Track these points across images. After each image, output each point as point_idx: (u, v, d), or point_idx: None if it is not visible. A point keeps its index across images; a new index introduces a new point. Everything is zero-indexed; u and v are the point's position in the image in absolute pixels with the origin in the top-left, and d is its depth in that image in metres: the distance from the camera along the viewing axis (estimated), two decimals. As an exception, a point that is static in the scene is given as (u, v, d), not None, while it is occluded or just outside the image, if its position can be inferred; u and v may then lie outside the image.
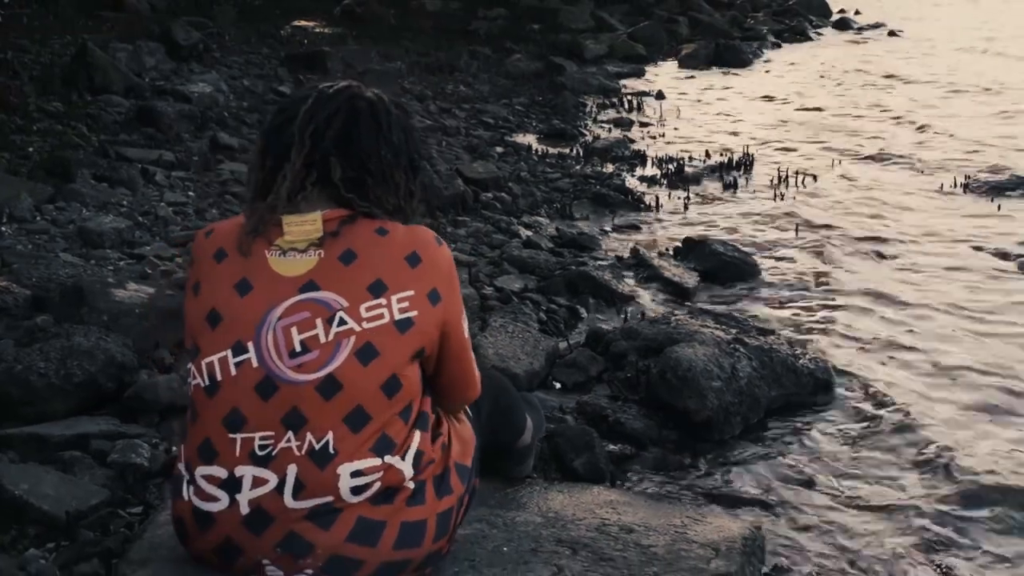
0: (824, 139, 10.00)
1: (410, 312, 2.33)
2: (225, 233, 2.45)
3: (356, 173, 2.41)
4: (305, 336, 2.28)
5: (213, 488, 2.32)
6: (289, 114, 2.44)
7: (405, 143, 2.50)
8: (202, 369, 2.35)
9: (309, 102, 2.44)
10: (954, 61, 14.56)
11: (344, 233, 2.36)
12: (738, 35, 17.30)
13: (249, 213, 2.43)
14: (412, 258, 2.36)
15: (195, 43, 11.76)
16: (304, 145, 2.39)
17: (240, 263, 2.37)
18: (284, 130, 2.43)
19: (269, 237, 2.37)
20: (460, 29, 15.57)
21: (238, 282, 2.35)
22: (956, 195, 8.03)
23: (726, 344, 4.55)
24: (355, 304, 2.30)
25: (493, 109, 10.87)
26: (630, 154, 9.28)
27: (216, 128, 8.56)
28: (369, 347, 2.29)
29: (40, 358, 3.60)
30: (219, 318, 2.34)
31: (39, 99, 8.73)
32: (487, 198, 7.41)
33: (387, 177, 2.45)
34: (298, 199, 2.38)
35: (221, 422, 2.31)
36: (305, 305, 2.31)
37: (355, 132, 2.42)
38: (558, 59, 13.75)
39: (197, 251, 2.48)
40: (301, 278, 2.32)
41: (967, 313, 5.62)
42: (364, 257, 2.34)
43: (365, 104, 2.47)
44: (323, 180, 2.40)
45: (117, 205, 6.38)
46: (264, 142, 2.51)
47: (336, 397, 2.27)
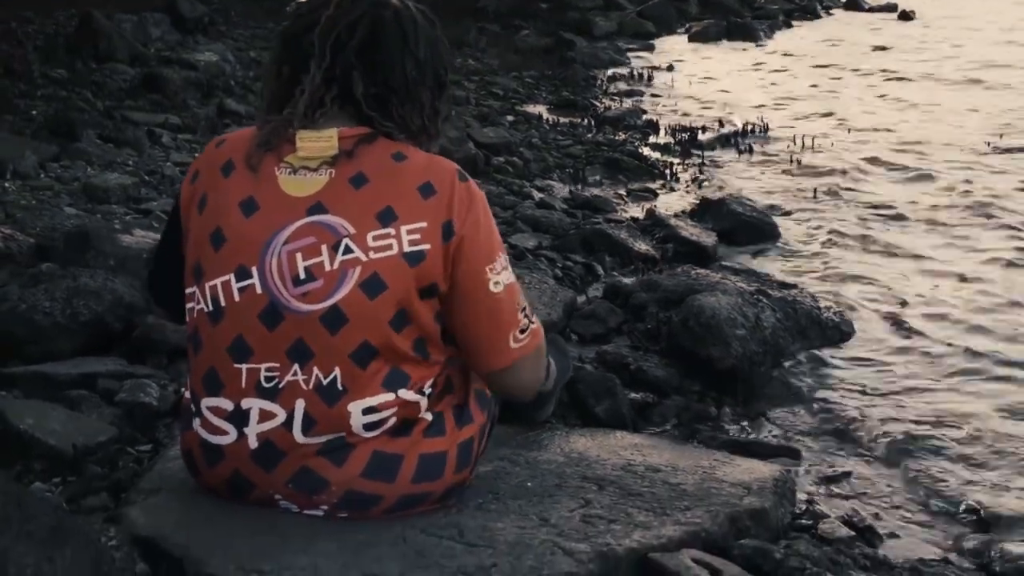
0: (838, 110, 9.89)
1: (421, 245, 2.16)
2: (236, 144, 2.30)
3: (379, 89, 2.25)
4: (310, 263, 2.15)
5: (220, 420, 2.21)
6: (308, 20, 2.27)
7: (431, 57, 2.32)
8: (205, 292, 2.21)
9: (331, 8, 2.27)
10: (966, 41, 14.42)
11: (359, 154, 2.20)
12: (748, 14, 17.14)
13: (261, 125, 2.29)
14: (425, 188, 2.19)
15: (200, 16, 11.66)
16: (324, 57, 2.22)
17: (248, 179, 2.22)
18: (303, 37, 2.27)
19: (280, 152, 2.22)
20: (468, 7, 15.43)
21: (244, 200, 2.20)
22: (984, 154, 7.91)
23: (749, 295, 4.44)
24: (362, 231, 2.15)
25: (503, 82, 10.75)
26: (642, 123, 9.16)
27: (223, 95, 8.46)
28: (376, 278, 2.14)
29: (45, 298, 3.50)
30: (223, 239, 2.20)
31: (43, 66, 8.62)
32: (499, 162, 7.30)
33: (412, 94, 2.28)
34: (316, 115, 2.23)
35: (226, 351, 2.19)
36: (311, 229, 2.16)
37: (379, 44, 2.25)
38: (567, 35, 13.61)
39: (205, 161, 2.33)
40: (309, 199, 2.17)
41: (991, 271, 5.51)
42: (376, 182, 2.18)
43: (391, 13, 2.29)
44: (344, 95, 2.24)
45: (123, 164, 6.28)
46: (280, 49, 2.36)
47: (342, 331, 2.14)
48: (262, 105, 2.37)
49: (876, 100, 10.39)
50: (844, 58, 13.22)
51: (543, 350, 2.50)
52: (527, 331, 2.37)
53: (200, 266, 2.23)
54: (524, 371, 2.42)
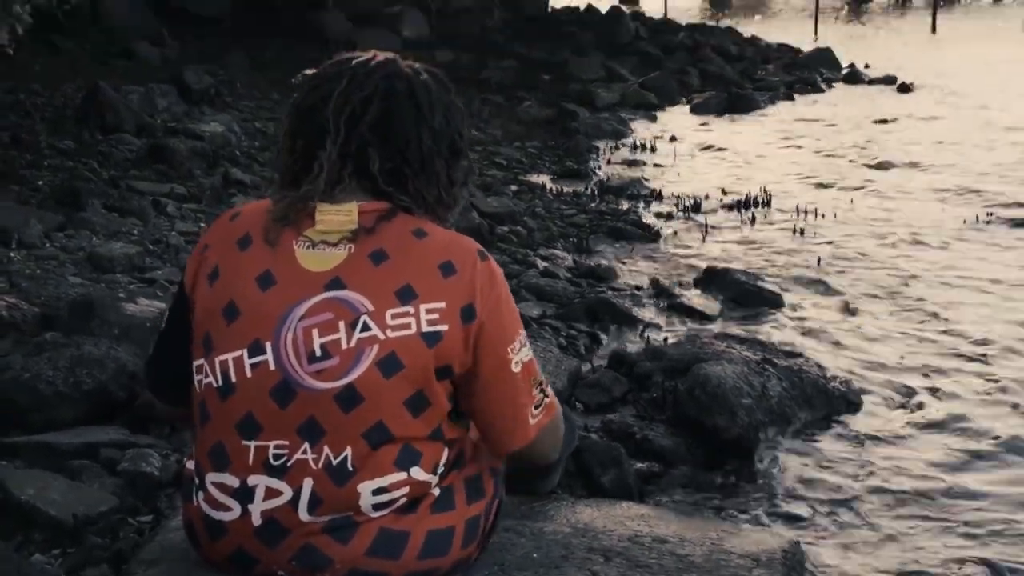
0: (840, 180, 9.93)
1: (440, 325, 2.12)
2: (252, 218, 2.26)
3: (394, 164, 2.22)
4: (326, 340, 2.11)
5: (224, 496, 2.16)
6: (322, 93, 2.24)
7: (447, 126, 2.29)
8: (215, 367, 2.17)
9: (344, 82, 2.23)
10: (965, 113, 14.53)
11: (379, 230, 2.16)
12: (749, 86, 17.30)
13: (278, 199, 2.27)
14: (446, 267, 2.15)
15: (207, 87, 11.77)
16: (339, 133, 2.20)
17: (266, 253, 2.18)
18: (316, 112, 2.24)
19: (299, 227, 2.18)
20: (472, 78, 15.59)
21: (261, 274, 2.16)
22: (980, 228, 7.94)
23: (755, 364, 4.42)
24: (381, 309, 2.11)
25: (506, 152, 10.82)
26: (645, 192, 9.20)
27: (228, 165, 8.51)
28: (393, 358, 2.10)
29: (48, 366, 3.48)
30: (237, 312, 2.16)
31: (51, 137, 8.69)
32: (503, 231, 7.32)
33: (427, 167, 2.24)
34: (334, 190, 2.21)
35: (234, 427, 2.14)
36: (329, 305, 2.12)
37: (393, 118, 2.22)
38: (570, 106, 13.73)
39: (218, 234, 2.28)
40: (327, 274, 2.14)
41: (1000, 338, 5.49)
42: (396, 259, 2.15)
43: (403, 85, 2.27)
44: (360, 171, 2.22)
45: (128, 234, 6.30)
46: (294, 122, 2.33)
47: (356, 410, 2.09)
48: (274, 177, 2.35)
49: (878, 171, 10.43)
50: (845, 130, 13.32)
51: (560, 419, 2.47)
52: (542, 406, 2.34)
53: (210, 339, 2.19)
54: (543, 444, 2.40)
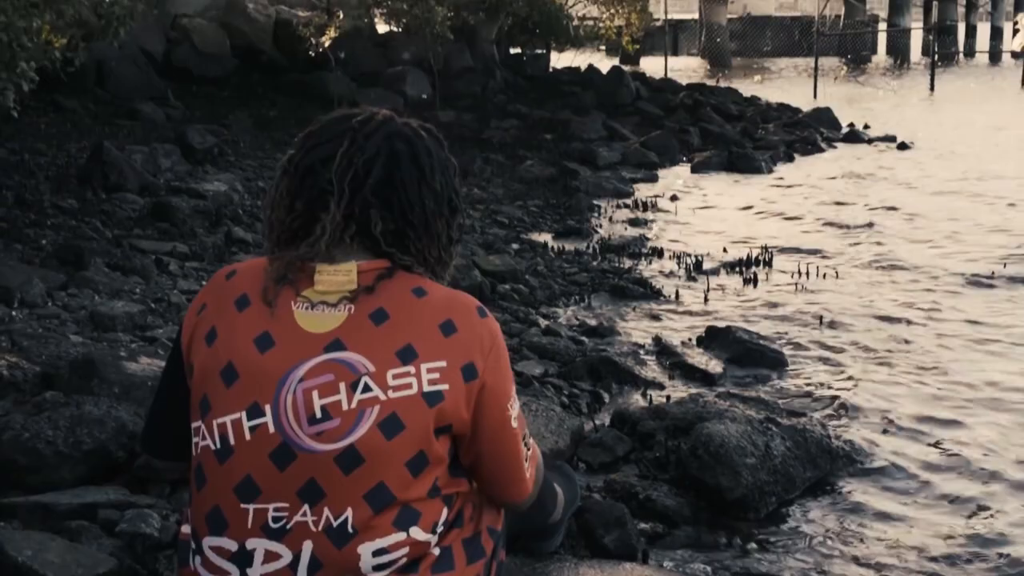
0: (842, 238, 9.95)
1: (440, 385, 2.10)
2: (249, 277, 2.25)
3: (397, 225, 2.23)
4: (326, 401, 2.09)
5: (222, 561, 2.13)
6: (322, 154, 2.23)
7: (446, 185, 2.29)
8: (213, 430, 2.15)
9: (345, 143, 2.23)
10: (964, 171, 14.59)
11: (379, 289, 2.16)
12: (750, 145, 17.37)
13: (275, 259, 2.25)
14: (447, 326, 2.15)
15: (210, 147, 11.83)
16: (343, 195, 2.19)
17: (263, 313, 2.17)
18: (318, 173, 2.23)
19: (297, 287, 2.17)
20: (473, 137, 15.67)
21: (259, 335, 2.15)
22: (982, 285, 7.95)
23: (758, 423, 4.39)
24: (382, 369, 2.09)
25: (508, 210, 10.85)
26: (647, 251, 9.21)
27: (231, 224, 8.53)
28: (394, 418, 2.09)
29: (48, 426, 3.46)
30: (235, 375, 2.14)
31: (54, 197, 8.72)
32: (504, 289, 7.32)
33: (430, 228, 2.24)
34: (335, 251, 2.20)
35: (233, 490, 2.11)
36: (329, 366, 2.11)
37: (396, 180, 2.21)
38: (571, 165, 13.78)
39: (215, 294, 2.26)
40: (327, 335, 2.13)
41: (1004, 393, 5.47)
42: (396, 318, 2.14)
43: (405, 147, 2.27)
44: (362, 232, 2.22)
45: (130, 292, 6.30)
46: (293, 182, 2.32)
47: (356, 471, 2.07)
48: (271, 235, 2.32)
49: (879, 230, 10.45)
50: (846, 189, 13.36)
51: (541, 463, 2.50)
52: (530, 457, 2.35)
53: (208, 401, 2.17)
54: (534, 492, 2.43)
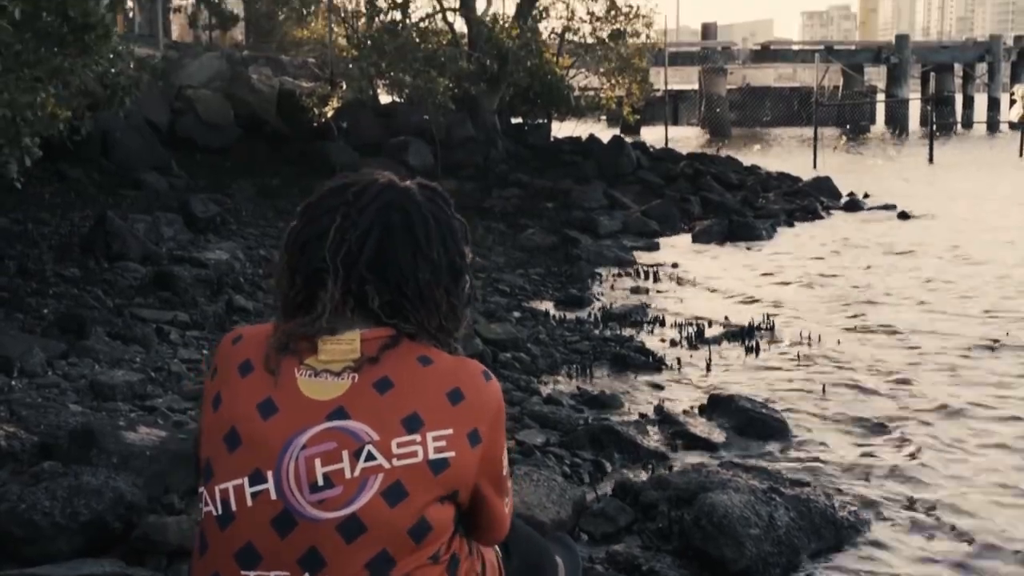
0: (844, 308, 9.96)
1: (446, 452, 2.09)
2: (254, 343, 2.24)
3: (393, 298, 2.22)
4: (329, 469, 2.08)
5: None
6: (317, 229, 2.23)
7: (445, 252, 2.27)
8: (215, 496, 2.13)
9: (338, 219, 2.24)
10: (964, 240, 14.64)
11: (383, 358, 2.16)
12: (750, 214, 17.45)
13: (279, 327, 2.25)
14: (454, 394, 2.14)
15: (212, 216, 11.89)
16: (338, 273, 2.20)
17: (266, 380, 2.16)
18: (313, 249, 2.23)
19: (300, 355, 2.17)
20: (475, 206, 15.75)
21: (262, 401, 2.14)
22: (985, 356, 7.92)
23: (762, 492, 4.35)
24: (386, 438, 2.08)
25: (509, 278, 10.87)
26: (649, 319, 9.20)
27: (232, 292, 8.54)
28: (398, 486, 2.07)
29: (46, 496, 3.43)
30: (238, 440, 2.14)
31: (57, 266, 8.74)
32: (506, 358, 7.31)
33: (426, 299, 2.22)
34: (337, 324, 2.20)
35: (233, 557, 2.09)
36: (332, 434, 2.09)
37: (390, 253, 2.21)
38: (573, 233, 13.84)
39: (222, 359, 2.27)
40: (331, 403, 2.11)
41: (1005, 468, 5.43)
42: (401, 387, 2.13)
43: (399, 216, 2.25)
44: (360, 304, 2.22)
45: (130, 361, 6.29)
46: (291, 257, 2.32)
47: (359, 540, 2.05)
48: (275, 304, 2.33)
49: (880, 298, 10.45)
50: (847, 258, 13.39)
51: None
52: (510, 494, 2.36)
53: (211, 467, 2.16)
54: None
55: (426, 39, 20.64)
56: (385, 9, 20.78)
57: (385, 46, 19.48)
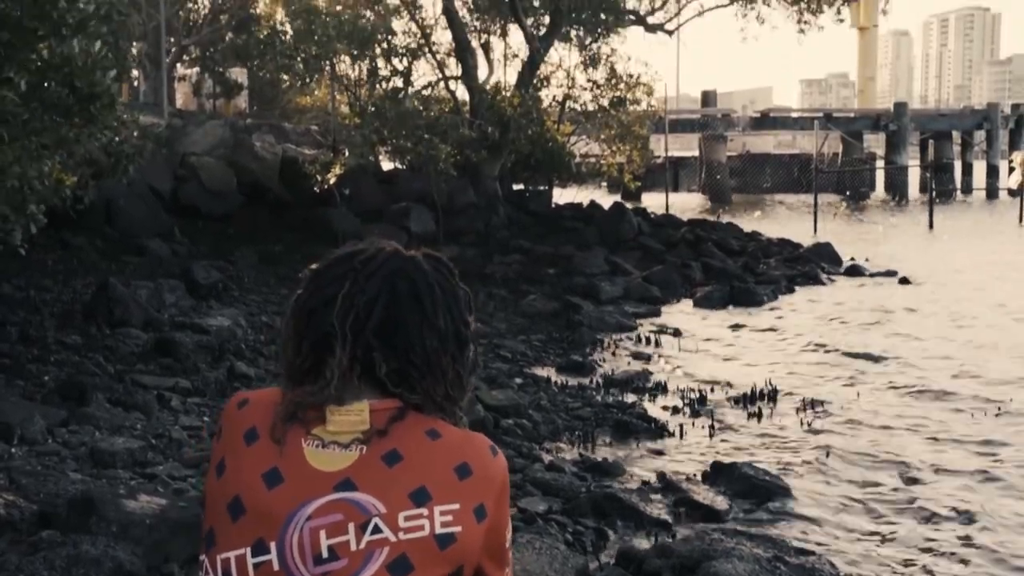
0: (846, 373, 9.93)
1: (453, 527, 2.09)
2: (260, 410, 2.24)
3: (400, 365, 2.23)
4: (334, 541, 2.07)
5: None
6: (324, 296, 2.25)
7: (451, 321, 2.29)
8: (216, 565, 2.11)
9: (347, 285, 2.26)
10: (965, 307, 14.66)
11: (392, 432, 2.16)
12: (751, 279, 17.46)
13: (285, 396, 2.25)
14: (462, 469, 2.14)
15: (215, 282, 11.90)
16: (346, 339, 2.21)
17: (272, 450, 2.15)
18: (320, 315, 2.25)
19: (308, 425, 2.17)
20: (477, 272, 15.78)
21: (267, 471, 2.13)
22: (988, 421, 7.90)
23: (766, 561, 4.32)
24: (393, 511, 2.08)
25: (511, 344, 10.86)
26: (651, 385, 9.18)
27: (233, 359, 8.53)
28: (403, 560, 2.06)
29: (44, 567, 3.41)
30: (242, 509, 2.12)
31: (58, 332, 8.74)
32: (508, 424, 7.28)
33: (433, 367, 2.24)
34: (344, 393, 2.20)
35: None
36: (338, 506, 2.09)
37: (398, 320, 2.23)
38: (574, 299, 13.84)
39: (227, 423, 2.26)
40: (338, 474, 2.11)
41: (1011, 539, 5.38)
42: (410, 460, 2.13)
43: (406, 284, 2.27)
44: (368, 373, 2.23)
45: (131, 428, 6.27)
46: (298, 323, 2.33)
47: None
48: (281, 371, 2.33)
49: (881, 364, 10.44)
50: (848, 323, 13.39)
51: None
52: (510, 564, 2.32)
53: (213, 535, 2.14)
54: None
55: (428, 107, 20.82)
56: (387, 77, 21.01)
57: (387, 113, 19.66)
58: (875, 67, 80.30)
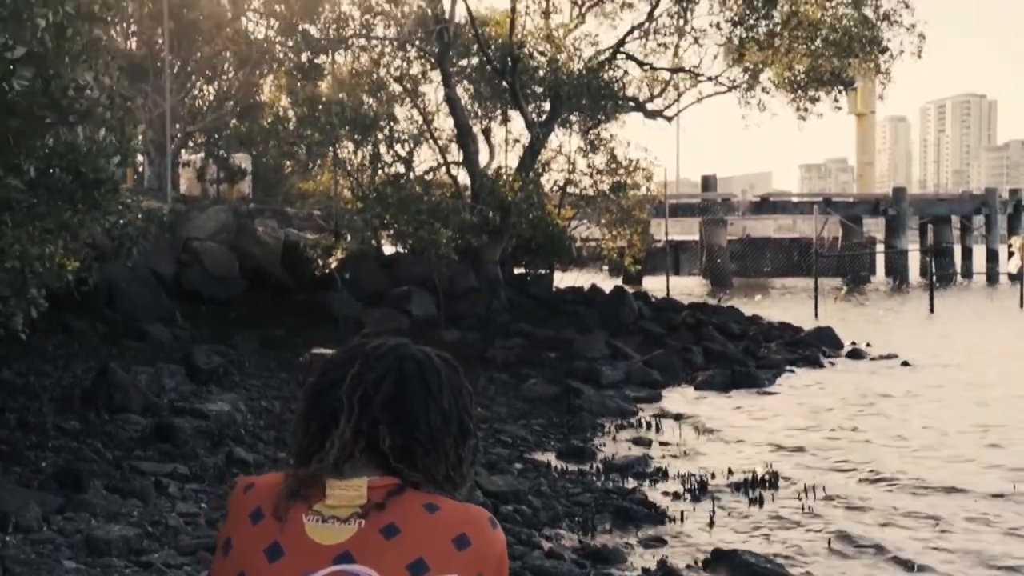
0: (848, 457, 9.90)
1: None
2: (264, 492, 2.28)
3: (404, 440, 2.27)
4: None
5: None
6: (334, 377, 2.31)
7: (455, 406, 2.34)
8: None
9: (356, 365, 2.31)
10: (967, 390, 14.64)
11: (390, 506, 2.19)
12: (752, 363, 17.45)
13: (289, 476, 2.29)
14: (460, 540, 2.16)
15: (215, 367, 11.90)
16: (352, 411, 2.25)
17: (274, 526, 2.19)
18: (329, 394, 2.30)
19: (309, 501, 2.20)
20: (477, 356, 15.78)
21: (269, 546, 2.17)
22: (994, 507, 7.85)
23: (767, 651, 4.26)
24: None
25: (511, 429, 10.83)
26: (651, 471, 9.14)
27: (232, 444, 8.51)
28: None
29: (34, 657, 3.36)
30: None
31: (57, 418, 8.72)
32: (507, 511, 7.23)
33: (436, 445, 2.28)
34: (344, 466, 2.24)
35: None
36: None
37: (404, 397, 2.28)
38: (575, 383, 13.82)
39: (233, 506, 2.31)
40: (337, 547, 2.14)
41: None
42: (408, 533, 2.15)
43: (414, 366, 2.33)
44: (371, 447, 2.26)
45: (127, 515, 6.23)
46: (308, 405, 2.38)
47: None
48: (291, 460, 2.37)
49: (883, 447, 10.39)
50: (850, 407, 13.35)
51: None
52: None
53: None
54: None
55: (429, 191, 21.01)
56: (389, 162, 21.21)
57: (389, 198, 19.81)
58: (873, 152, 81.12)
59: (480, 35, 21.57)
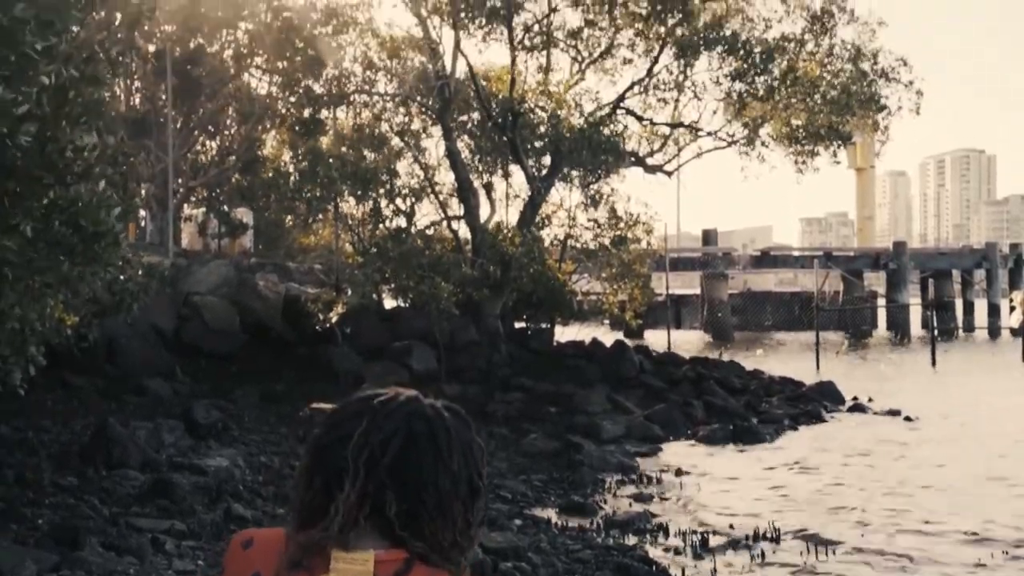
0: (850, 513, 9.83)
1: None
2: (264, 554, 2.21)
3: (411, 505, 2.22)
4: None
5: None
6: (340, 433, 2.25)
7: (465, 466, 2.28)
8: None
9: (364, 422, 2.26)
10: (969, 445, 14.57)
11: None
12: (754, 418, 17.38)
13: (291, 540, 2.23)
14: None
15: (214, 422, 11.87)
16: (358, 475, 2.20)
17: None
18: (335, 451, 2.24)
19: (312, 573, 2.16)
20: (478, 411, 15.71)
21: None
22: (1000, 566, 7.78)
23: None
24: None
25: (511, 484, 10.76)
26: (652, 527, 9.07)
27: (231, 500, 8.45)
28: None
29: None
30: None
31: (55, 474, 8.68)
32: (507, 568, 7.18)
33: (444, 510, 2.22)
34: (349, 533, 2.19)
35: None
36: None
37: (412, 460, 2.22)
38: (575, 438, 13.75)
39: (231, 564, 2.24)
40: None
41: None
42: None
43: (423, 426, 2.27)
44: (377, 512, 2.21)
45: (123, 573, 6.18)
46: (311, 460, 2.32)
47: None
48: (292, 516, 2.32)
49: (887, 502, 10.32)
50: (851, 462, 13.28)
51: None
52: None
53: None
54: None
55: (430, 246, 21.06)
56: (390, 216, 21.28)
57: (390, 252, 19.85)
58: (873, 206, 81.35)
59: (481, 90, 21.71)
